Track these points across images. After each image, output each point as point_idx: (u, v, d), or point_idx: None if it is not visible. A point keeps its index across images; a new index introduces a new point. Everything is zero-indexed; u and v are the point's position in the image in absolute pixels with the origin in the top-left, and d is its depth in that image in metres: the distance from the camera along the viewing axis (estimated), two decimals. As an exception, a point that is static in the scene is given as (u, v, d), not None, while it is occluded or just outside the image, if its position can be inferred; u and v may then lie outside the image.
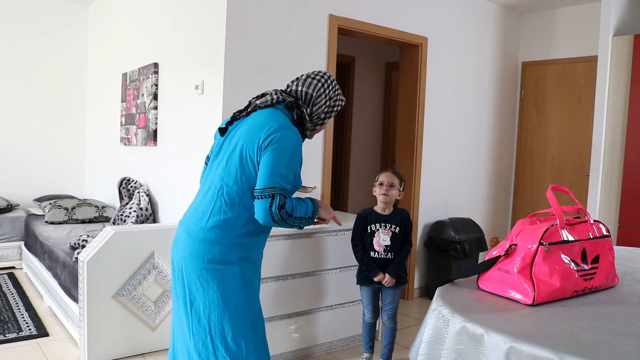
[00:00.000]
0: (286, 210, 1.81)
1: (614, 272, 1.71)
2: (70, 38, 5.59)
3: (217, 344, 1.83)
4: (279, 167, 1.80)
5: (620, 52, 4.01)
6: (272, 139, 1.81)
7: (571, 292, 1.58)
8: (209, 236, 1.83)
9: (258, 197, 1.79)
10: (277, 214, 1.78)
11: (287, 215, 1.81)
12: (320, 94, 1.98)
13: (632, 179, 3.94)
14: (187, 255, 1.85)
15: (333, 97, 2.01)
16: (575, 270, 1.58)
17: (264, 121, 1.86)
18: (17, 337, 3.20)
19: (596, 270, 1.63)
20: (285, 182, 1.81)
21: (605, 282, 1.67)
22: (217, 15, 3.29)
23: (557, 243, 1.58)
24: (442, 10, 4.40)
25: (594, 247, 1.66)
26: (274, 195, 1.78)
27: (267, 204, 1.77)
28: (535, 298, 1.50)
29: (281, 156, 1.80)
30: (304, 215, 1.88)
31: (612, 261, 1.69)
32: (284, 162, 1.81)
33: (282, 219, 1.80)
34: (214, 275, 1.83)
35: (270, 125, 1.84)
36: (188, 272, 1.86)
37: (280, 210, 1.78)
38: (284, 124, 1.86)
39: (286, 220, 1.82)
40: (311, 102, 1.98)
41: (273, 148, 1.80)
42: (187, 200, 3.68)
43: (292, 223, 1.85)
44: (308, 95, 1.97)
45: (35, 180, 5.48)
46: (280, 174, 1.80)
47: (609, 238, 1.73)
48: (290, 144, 1.83)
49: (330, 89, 2.00)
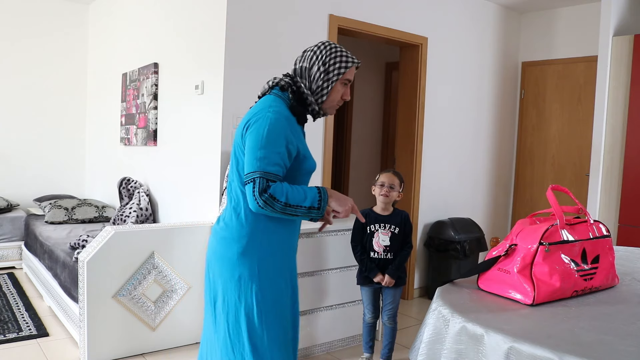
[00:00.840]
0: (270, 194, 1.69)
1: (614, 272, 1.70)
2: (70, 38, 5.59)
3: (234, 341, 1.83)
4: (255, 150, 1.72)
5: (620, 52, 4.01)
6: (249, 125, 1.78)
7: (571, 292, 1.57)
8: (224, 234, 1.85)
9: (244, 184, 1.75)
10: (260, 199, 1.68)
11: (272, 199, 1.68)
12: (313, 63, 1.87)
13: (632, 179, 3.94)
14: (211, 253, 1.89)
15: (328, 60, 1.86)
16: (575, 270, 1.58)
17: (249, 111, 1.85)
18: (17, 337, 3.20)
19: (596, 271, 1.63)
20: (266, 164, 1.71)
21: (605, 282, 1.67)
22: (217, 15, 3.29)
23: (557, 243, 1.58)
24: (442, 10, 4.40)
25: (594, 247, 1.65)
26: (254, 180, 1.69)
27: (250, 189, 1.70)
28: (535, 298, 1.50)
29: (256, 139, 1.73)
30: (301, 204, 1.72)
31: (612, 261, 1.69)
32: (261, 144, 1.72)
33: (266, 204, 1.68)
34: (232, 273, 1.82)
35: (251, 112, 1.82)
36: (212, 270, 1.89)
37: (261, 194, 1.68)
38: (265, 106, 1.80)
39: (274, 207, 1.69)
40: (307, 74, 1.89)
41: (249, 132, 1.76)
42: (187, 200, 3.68)
43: (284, 211, 1.71)
44: (303, 68, 1.89)
45: (35, 180, 5.48)
46: (257, 157, 1.71)
47: (609, 238, 1.72)
48: (265, 124, 1.74)
49: (323, 54, 1.87)
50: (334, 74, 1.86)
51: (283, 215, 1.73)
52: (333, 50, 1.88)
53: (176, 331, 3.15)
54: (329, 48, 1.88)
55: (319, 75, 1.87)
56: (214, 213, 3.32)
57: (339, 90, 1.90)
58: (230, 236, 1.83)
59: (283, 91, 1.88)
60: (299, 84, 1.87)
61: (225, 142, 3.26)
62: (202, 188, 3.48)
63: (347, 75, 1.89)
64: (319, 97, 1.89)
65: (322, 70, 1.86)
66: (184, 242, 3.12)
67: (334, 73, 1.87)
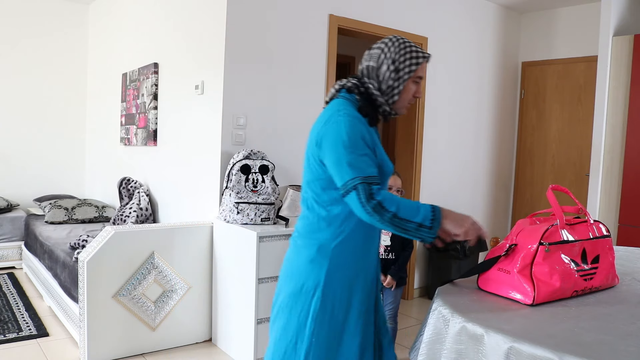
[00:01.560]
0: (379, 202, 1.53)
1: (614, 272, 1.71)
2: (71, 38, 5.59)
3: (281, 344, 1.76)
4: (342, 157, 1.59)
5: (620, 52, 4.01)
6: (324, 133, 1.65)
7: (571, 292, 1.57)
8: (296, 241, 1.79)
9: (344, 195, 1.59)
10: (368, 206, 1.52)
11: (381, 208, 1.52)
12: (382, 61, 1.72)
13: (632, 179, 3.94)
14: (284, 260, 1.83)
15: (397, 58, 1.70)
16: (575, 270, 1.58)
17: (319, 118, 1.74)
18: (17, 337, 3.20)
19: (596, 270, 1.63)
20: (362, 167, 1.57)
21: (606, 282, 1.67)
22: (217, 15, 3.29)
23: (557, 243, 1.58)
24: (442, 10, 4.40)
25: (594, 247, 1.65)
26: (356, 187, 1.55)
27: (355, 196, 1.55)
28: (535, 298, 1.50)
29: (339, 145, 1.60)
30: (411, 219, 1.53)
31: (612, 261, 1.69)
32: (346, 150, 1.59)
33: (374, 211, 1.52)
34: (296, 281, 1.73)
35: (321, 120, 1.72)
36: (280, 276, 1.84)
37: (369, 201, 1.53)
38: (334, 111, 1.68)
39: (383, 216, 1.52)
40: (375, 74, 1.74)
41: (327, 141, 1.63)
42: (187, 200, 3.68)
43: (392, 222, 1.53)
44: (371, 68, 1.75)
45: (35, 180, 5.48)
46: (348, 162, 1.57)
47: (609, 238, 1.72)
48: (341, 129, 1.62)
49: (392, 51, 1.71)
50: (405, 72, 1.71)
51: (391, 228, 1.55)
52: (402, 47, 1.72)
53: (176, 331, 3.15)
54: (398, 44, 1.72)
55: (389, 75, 1.72)
56: (214, 213, 3.32)
57: (410, 88, 1.75)
58: (302, 243, 1.75)
59: (350, 93, 1.76)
60: (367, 84, 1.74)
61: (225, 142, 3.26)
62: (202, 188, 3.48)
63: (419, 72, 1.73)
64: (390, 98, 1.74)
65: (392, 69, 1.71)
66: (184, 242, 3.12)
67: (405, 71, 1.71)
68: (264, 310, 2.88)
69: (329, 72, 3.68)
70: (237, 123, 3.29)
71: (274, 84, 3.43)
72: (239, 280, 2.97)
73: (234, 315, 3.03)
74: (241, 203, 3.01)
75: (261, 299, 2.86)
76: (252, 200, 3.02)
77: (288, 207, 3.39)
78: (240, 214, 3.01)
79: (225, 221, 3.08)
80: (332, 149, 1.61)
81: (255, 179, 3.08)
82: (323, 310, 1.68)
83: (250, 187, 3.07)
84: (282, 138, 3.50)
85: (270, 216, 3.05)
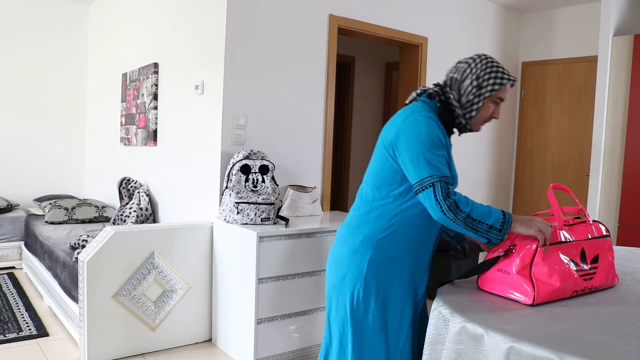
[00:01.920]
0: (455, 200, 1.59)
1: (613, 272, 1.71)
2: (71, 38, 5.59)
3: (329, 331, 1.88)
4: (420, 154, 1.64)
5: (620, 52, 4.01)
6: (402, 129, 1.70)
7: (571, 292, 1.58)
8: (342, 231, 1.86)
9: (419, 190, 1.63)
10: (444, 204, 1.58)
11: (456, 207, 1.58)
12: (467, 75, 1.75)
13: (632, 179, 3.94)
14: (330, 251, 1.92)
15: (482, 75, 1.73)
16: (574, 271, 1.58)
17: (396, 116, 1.78)
18: (17, 337, 3.20)
19: (596, 270, 1.64)
20: (440, 167, 1.63)
21: (605, 282, 1.67)
22: (217, 15, 3.29)
23: (555, 244, 1.58)
24: (442, 10, 4.40)
25: (593, 247, 1.66)
26: (433, 184, 1.60)
27: (431, 194, 1.60)
28: (535, 298, 1.50)
29: (418, 142, 1.65)
30: (484, 220, 1.60)
31: (611, 261, 1.70)
32: (426, 147, 1.64)
33: (450, 210, 1.58)
34: (338, 271, 1.82)
35: (399, 117, 1.75)
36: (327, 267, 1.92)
37: (446, 199, 1.59)
38: (415, 111, 1.73)
39: (457, 215, 1.58)
40: (458, 86, 1.77)
41: (404, 140, 1.68)
42: (187, 200, 3.68)
43: (465, 222, 1.59)
44: (454, 80, 1.78)
45: (35, 180, 5.48)
46: (427, 160, 1.63)
47: (608, 238, 1.73)
48: (422, 128, 1.66)
49: (479, 67, 1.74)
50: (487, 90, 1.74)
51: (462, 227, 1.61)
52: (489, 65, 1.76)
53: (176, 331, 3.15)
54: (485, 62, 1.76)
55: (470, 90, 1.75)
56: (214, 213, 3.32)
57: (489, 107, 1.77)
58: (347, 233, 1.82)
59: (431, 99, 1.80)
60: (448, 94, 1.78)
61: (225, 142, 3.26)
62: (202, 188, 3.48)
63: (500, 94, 1.76)
64: (468, 112, 1.77)
65: (474, 84, 1.75)
66: (184, 242, 3.12)
67: (487, 89, 1.74)
68: (264, 310, 2.88)
69: (329, 72, 3.68)
70: (237, 123, 3.29)
71: (274, 84, 3.43)
72: (239, 280, 2.97)
73: (234, 315, 3.03)
74: (241, 203, 3.01)
75: (261, 299, 2.86)
76: (252, 200, 3.02)
77: (288, 207, 3.39)
78: (240, 214, 3.01)
79: (225, 221, 3.08)
80: (411, 145, 1.66)
81: (255, 179, 3.08)
82: (365, 301, 1.75)
83: (250, 187, 3.07)
84: (282, 138, 3.50)
85: (270, 216, 3.05)
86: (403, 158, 1.68)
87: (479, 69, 1.75)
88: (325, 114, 3.70)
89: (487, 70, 1.75)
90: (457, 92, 1.77)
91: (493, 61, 1.76)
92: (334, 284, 1.83)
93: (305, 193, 3.47)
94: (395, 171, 1.73)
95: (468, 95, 1.75)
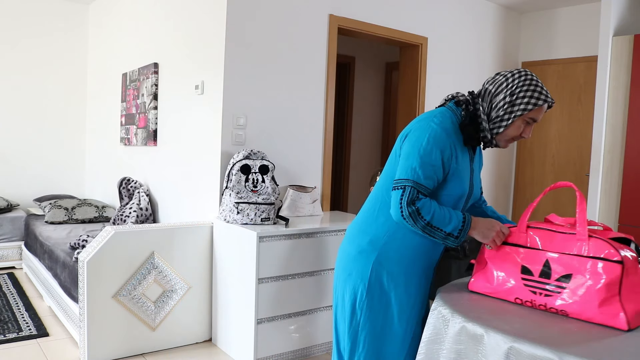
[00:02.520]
0: (417, 208, 1.60)
1: (613, 309, 1.35)
2: (70, 38, 5.59)
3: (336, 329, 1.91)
4: (411, 158, 1.64)
5: (620, 52, 4.01)
6: (413, 129, 1.69)
7: (514, 299, 1.55)
8: (350, 231, 1.88)
9: (394, 188, 1.65)
10: (406, 209, 1.59)
11: (417, 215, 1.60)
12: (502, 89, 1.67)
13: (632, 179, 3.94)
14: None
15: (517, 92, 1.64)
16: (521, 279, 1.53)
17: (414, 120, 1.77)
18: (17, 337, 3.20)
19: (561, 290, 1.43)
20: (421, 175, 1.62)
21: (585, 314, 1.39)
22: (217, 15, 3.29)
23: (512, 244, 1.60)
24: (442, 10, 4.40)
25: (569, 264, 1.44)
26: (405, 187, 1.61)
27: (398, 195, 1.62)
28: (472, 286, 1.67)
29: (414, 147, 1.64)
30: (442, 227, 1.62)
31: (602, 290, 1.37)
32: (418, 153, 1.63)
33: (410, 216, 1.60)
34: (344, 268, 1.84)
35: (415, 120, 1.74)
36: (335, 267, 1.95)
37: (409, 205, 1.59)
38: (429, 116, 1.70)
39: (416, 222, 1.61)
40: (490, 99, 1.70)
41: (408, 139, 1.69)
42: (187, 200, 3.68)
43: (424, 229, 1.62)
44: (488, 91, 1.71)
45: (35, 180, 5.48)
46: (412, 166, 1.63)
47: (617, 264, 1.36)
48: (425, 134, 1.65)
49: (515, 83, 1.65)
50: (519, 108, 1.64)
51: (419, 233, 1.66)
52: (527, 82, 1.65)
53: (176, 331, 3.15)
54: (524, 78, 1.66)
55: (502, 105, 1.67)
56: (214, 213, 3.32)
57: (519, 126, 1.68)
58: (356, 231, 1.83)
59: (457, 106, 1.75)
60: (478, 105, 1.71)
61: (225, 142, 3.26)
62: (202, 188, 3.48)
63: (534, 114, 1.66)
64: (495, 128, 1.70)
65: (507, 100, 1.66)
66: (184, 242, 3.12)
67: (519, 107, 1.64)
68: (264, 310, 2.88)
69: (329, 72, 3.68)
70: (237, 123, 3.29)
71: (274, 84, 3.43)
72: (239, 280, 2.97)
73: (234, 315, 3.03)
74: (241, 203, 3.01)
75: (261, 299, 2.86)
76: (252, 200, 3.02)
77: (288, 207, 3.39)
78: (240, 214, 3.01)
79: (225, 221, 3.08)
80: (409, 148, 1.67)
81: (255, 179, 3.08)
82: (369, 301, 1.77)
83: (250, 187, 3.07)
84: (282, 138, 3.50)
85: (270, 216, 3.05)
86: (402, 154, 1.70)
87: (515, 85, 1.66)
88: (325, 114, 3.70)
89: (524, 87, 1.65)
90: (488, 105, 1.70)
91: (533, 79, 1.66)
92: (341, 281, 1.85)
93: (305, 193, 3.47)
94: None
95: (499, 110, 1.67)
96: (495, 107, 1.68)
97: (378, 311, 1.77)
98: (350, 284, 1.80)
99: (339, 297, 1.87)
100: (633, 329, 1.32)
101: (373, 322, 1.77)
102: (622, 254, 1.37)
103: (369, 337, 1.78)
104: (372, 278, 1.75)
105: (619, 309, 1.33)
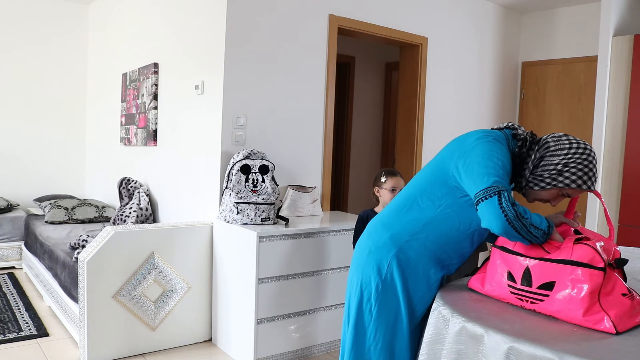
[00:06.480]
0: (520, 210, 1.50)
1: (596, 317, 1.33)
2: (70, 38, 5.58)
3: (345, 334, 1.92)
4: (492, 167, 1.57)
5: (620, 52, 4.01)
6: (475, 145, 1.65)
7: (506, 302, 1.56)
8: (375, 223, 1.89)
9: (481, 199, 1.52)
10: (511, 211, 1.47)
11: (522, 216, 1.49)
12: (559, 154, 1.63)
13: (632, 179, 3.94)
14: None
15: (571, 164, 1.61)
16: (507, 285, 1.54)
17: (471, 132, 1.74)
18: (17, 337, 3.20)
19: (545, 298, 1.42)
20: (505, 181, 1.56)
21: (575, 322, 1.37)
22: (217, 15, 3.29)
23: (501, 248, 1.60)
24: (442, 10, 4.40)
25: (548, 271, 1.43)
26: (499, 192, 1.50)
27: (495, 202, 1.49)
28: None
29: (486, 157, 1.60)
30: (539, 225, 1.52)
31: (585, 299, 1.35)
32: (497, 164, 1.58)
33: (517, 218, 1.48)
34: (366, 261, 1.84)
35: (475, 133, 1.72)
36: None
37: (513, 206, 1.49)
38: (493, 135, 1.68)
39: (523, 222, 1.49)
40: (544, 154, 1.66)
41: (477, 152, 1.63)
42: (187, 200, 3.68)
43: (529, 229, 1.50)
44: (547, 145, 1.67)
45: (35, 180, 5.48)
46: (495, 172, 1.56)
47: (598, 270, 1.35)
48: (496, 148, 1.62)
49: (574, 157, 1.61)
50: (563, 181, 1.61)
51: (522, 237, 1.51)
52: (585, 163, 1.61)
53: (176, 331, 3.15)
54: (585, 157, 1.61)
55: (551, 168, 1.63)
56: (214, 213, 3.32)
57: (553, 194, 1.66)
58: (379, 225, 1.84)
59: (513, 138, 1.73)
60: (532, 152, 1.68)
61: (225, 142, 3.26)
62: (202, 188, 3.48)
63: (572, 192, 1.65)
64: (533, 183, 1.67)
65: (558, 167, 1.62)
66: (184, 242, 3.12)
67: (564, 181, 1.61)
68: (264, 310, 2.88)
69: (329, 72, 3.68)
70: (237, 123, 3.29)
71: (274, 84, 3.43)
72: (239, 280, 2.97)
73: (234, 315, 3.03)
74: (241, 203, 3.01)
75: (261, 299, 2.86)
76: (252, 200, 3.02)
77: (288, 207, 3.39)
78: (240, 214, 3.01)
79: (225, 221, 3.08)
80: (480, 157, 1.61)
81: (255, 179, 3.08)
82: (384, 294, 1.77)
83: (250, 187, 3.07)
84: (282, 138, 3.50)
85: (270, 216, 3.05)
86: (468, 168, 1.63)
87: (574, 159, 1.61)
88: (325, 114, 3.70)
89: (580, 166, 1.61)
90: (539, 159, 1.67)
91: (592, 162, 1.62)
92: (354, 274, 1.86)
93: (305, 193, 3.47)
94: (444, 183, 1.72)
95: (545, 170, 1.64)
96: (545, 165, 1.65)
97: (390, 306, 1.78)
98: (365, 277, 1.81)
99: (353, 288, 1.87)
100: (624, 331, 1.31)
101: (386, 316, 1.78)
102: (604, 259, 1.36)
103: (380, 331, 1.79)
104: (388, 274, 1.76)
105: (603, 315, 1.32)
